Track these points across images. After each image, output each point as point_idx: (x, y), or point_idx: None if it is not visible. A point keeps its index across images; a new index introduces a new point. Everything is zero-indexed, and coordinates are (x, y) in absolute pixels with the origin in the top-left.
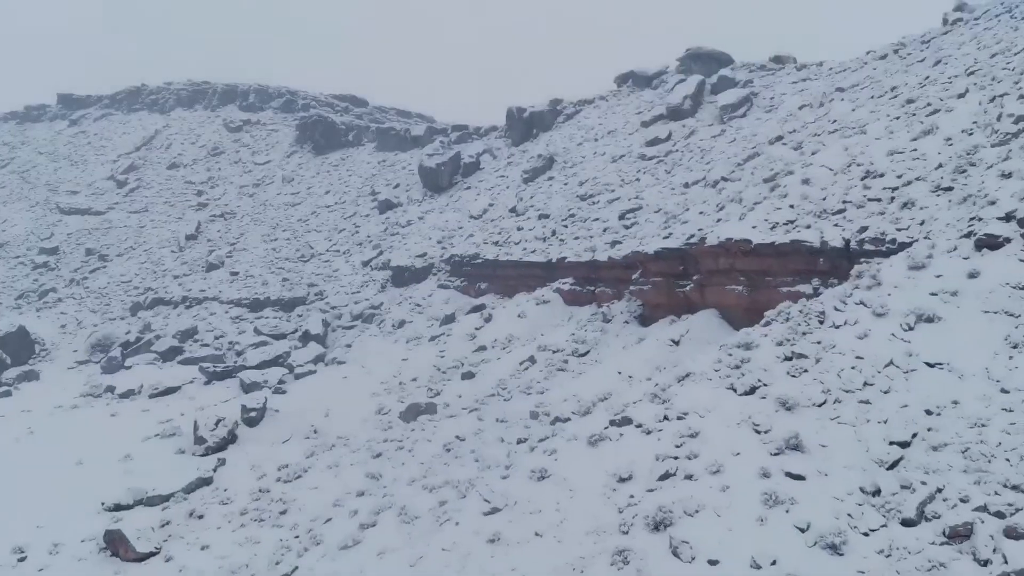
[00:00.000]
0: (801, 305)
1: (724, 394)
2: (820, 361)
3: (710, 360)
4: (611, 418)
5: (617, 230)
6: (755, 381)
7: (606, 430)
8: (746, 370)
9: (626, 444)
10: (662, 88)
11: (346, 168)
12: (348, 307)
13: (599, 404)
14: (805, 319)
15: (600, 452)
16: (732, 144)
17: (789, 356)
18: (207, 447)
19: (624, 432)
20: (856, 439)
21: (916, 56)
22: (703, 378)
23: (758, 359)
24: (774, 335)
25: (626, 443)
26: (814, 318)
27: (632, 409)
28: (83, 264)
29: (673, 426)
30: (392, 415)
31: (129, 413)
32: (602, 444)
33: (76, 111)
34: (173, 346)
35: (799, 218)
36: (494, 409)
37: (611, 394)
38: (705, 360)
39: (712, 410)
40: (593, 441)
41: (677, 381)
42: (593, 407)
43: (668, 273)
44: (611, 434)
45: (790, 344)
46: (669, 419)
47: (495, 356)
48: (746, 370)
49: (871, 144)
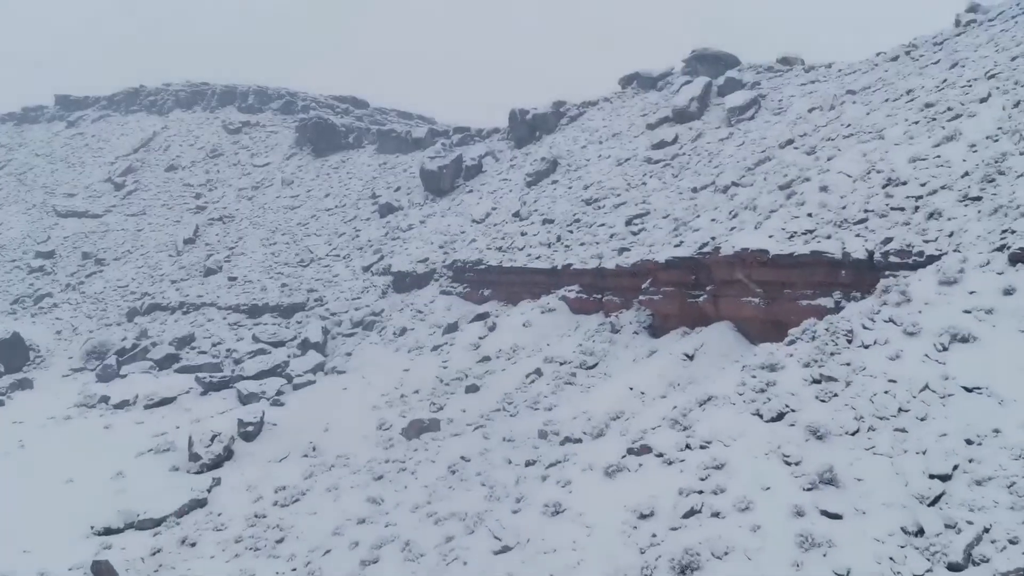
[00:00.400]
0: (827, 323)
1: (750, 420)
2: (851, 385)
3: (733, 382)
4: (629, 446)
5: (624, 236)
6: (782, 406)
7: (624, 459)
8: (772, 394)
9: (646, 476)
10: (667, 90)
11: (346, 171)
12: (348, 313)
13: (612, 424)
14: (832, 338)
15: (618, 484)
16: (741, 147)
17: (817, 379)
18: (202, 464)
19: (643, 462)
20: (894, 472)
21: (929, 58)
22: (726, 402)
23: (784, 382)
24: (800, 355)
25: (646, 474)
26: (842, 337)
27: (651, 436)
28: (79, 268)
29: (696, 456)
30: (394, 431)
31: (123, 425)
32: (620, 475)
33: (74, 112)
34: (170, 354)
35: (818, 227)
36: (500, 426)
37: (623, 412)
38: (727, 382)
39: (737, 438)
40: (610, 472)
41: (698, 405)
42: (606, 428)
43: (679, 283)
44: (629, 464)
45: (818, 366)
46: (692, 448)
47: (500, 367)
48: (772, 394)
49: (890, 150)
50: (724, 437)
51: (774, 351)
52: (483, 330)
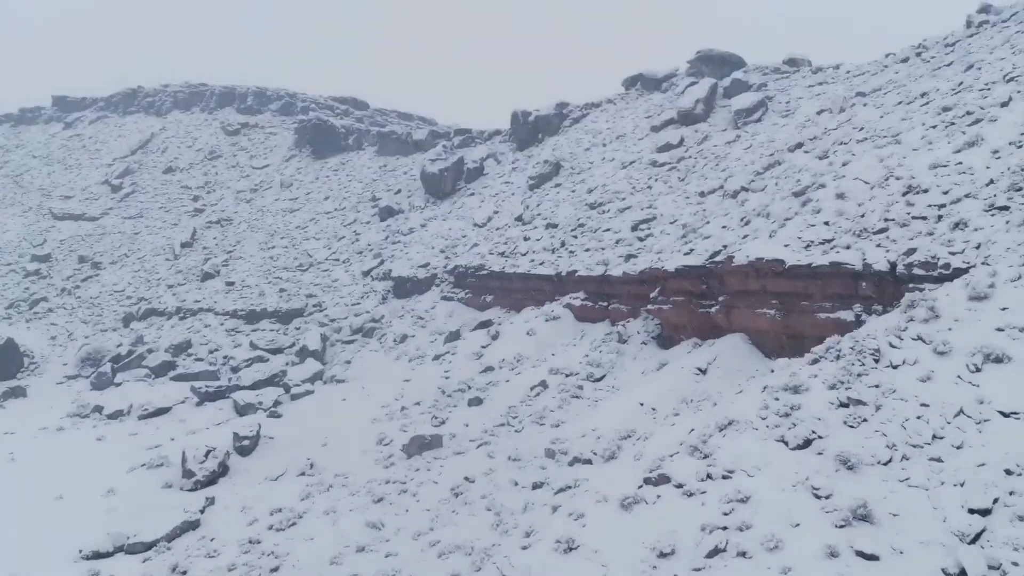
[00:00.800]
0: (852, 341)
1: (774, 448)
2: (880, 409)
3: (754, 405)
4: (646, 475)
5: (631, 242)
6: (808, 432)
7: (640, 490)
8: (797, 419)
9: (665, 509)
10: (672, 91)
11: (346, 173)
12: (348, 320)
13: (623, 445)
14: (858, 357)
15: (635, 518)
16: (748, 151)
17: (845, 402)
18: (196, 481)
19: (661, 493)
20: (931, 506)
21: (941, 59)
22: (748, 427)
23: (809, 405)
24: (825, 376)
25: (665, 507)
26: (868, 356)
27: (669, 464)
28: (75, 272)
29: (719, 487)
30: (394, 446)
31: (116, 437)
32: (637, 508)
33: (71, 113)
34: (165, 361)
35: (836, 237)
36: (505, 443)
37: (634, 431)
38: (748, 404)
39: (762, 468)
40: (626, 504)
41: (718, 430)
42: (618, 450)
43: (690, 292)
44: (647, 495)
45: (845, 388)
46: (713, 478)
47: (503, 378)
48: (797, 419)
49: (909, 156)
50: (748, 466)
51: (797, 371)
52: (486, 339)
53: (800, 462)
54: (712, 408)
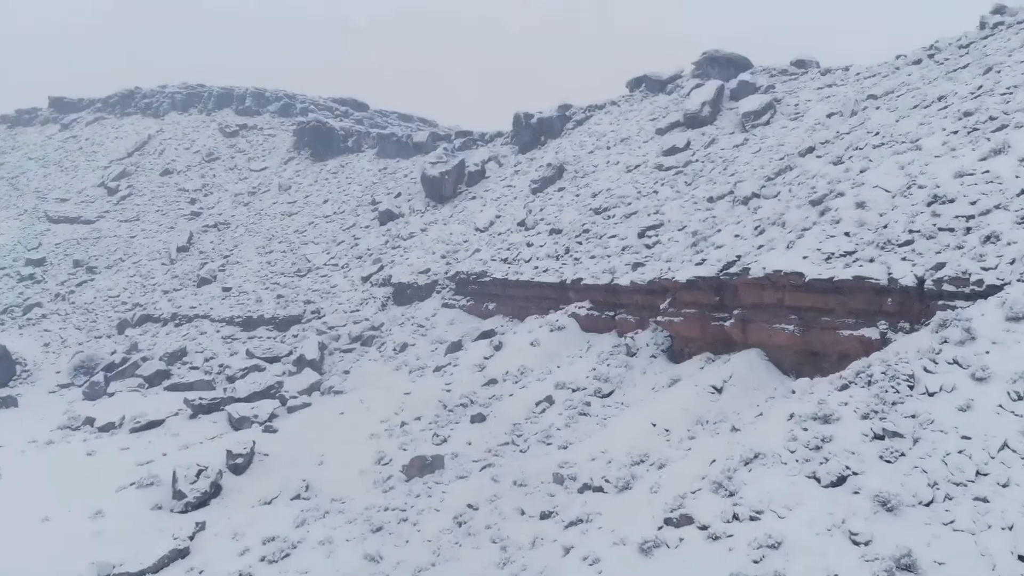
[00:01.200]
0: (884, 365)
1: (805, 485)
2: (919, 442)
3: (781, 435)
4: (667, 515)
5: (638, 249)
6: (842, 468)
7: (661, 531)
8: (829, 452)
9: (689, 554)
10: (677, 93)
11: (345, 176)
12: (346, 327)
13: (638, 473)
14: (892, 384)
15: (656, 565)
16: (757, 155)
17: (880, 434)
18: (186, 503)
19: (684, 536)
20: (978, 553)
21: (955, 62)
22: (776, 461)
23: (841, 437)
24: (857, 404)
25: (689, 552)
26: (903, 382)
27: (691, 502)
28: (70, 276)
29: (747, 530)
30: (394, 466)
31: (107, 451)
32: (658, 552)
33: (68, 115)
34: (160, 370)
35: (859, 249)
36: (510, 465)
37: (647, 455)
38: (774, 434)
39: (793, 508)
40: (646, 548)
41: (743, 463)
42: (632, 479)
43: (702, 304)
44: (668, 538)
45: (879, 417)
46: (740, 519)
47: (507, 392)
48: (829, 452)
49: (931, 163)
50: (777, 506)
51: (825, 398)
52: (488, 349)
53: (834, 502)
54: (731, 433)
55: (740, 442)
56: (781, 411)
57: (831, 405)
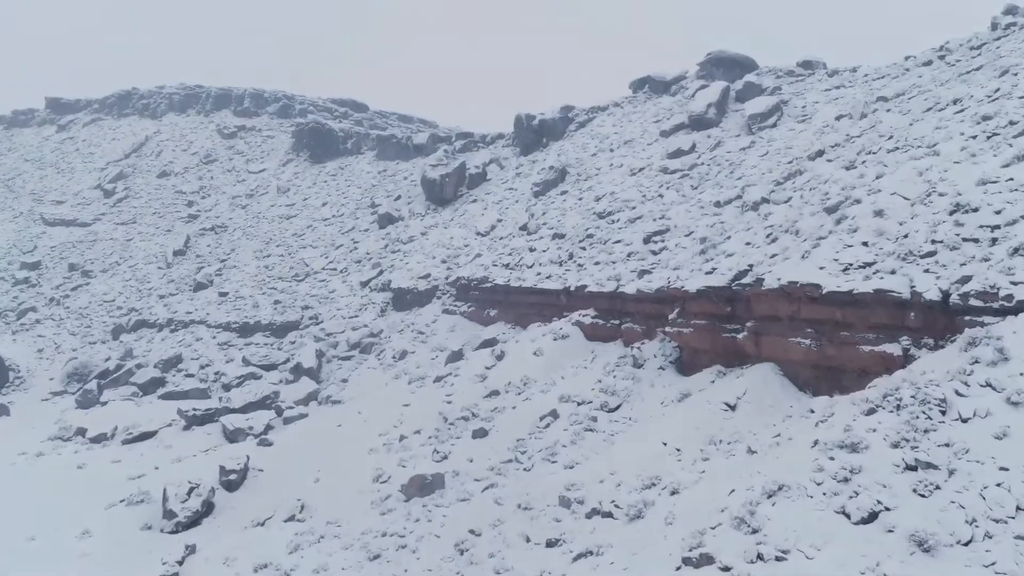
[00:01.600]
0: (913, 387)
1: (834, 521)
2: (954, 474)
3: (806, 464)
4: (685, 554)
5: (644, 256)
6: (873, 503)
7: (679, 572)
8: (858, 485)
9: None
10: (681, 94)
11: (344, 178)
12: (345, 334)
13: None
14: (923, 408)
15: None
16: (765, 158)
17: (912, 465)
18: (177, 523)
19: None
20: None
21: (968, 64)
22: (801, 493)
23: (871, 468)
24: (886, 430)
25: None
26: (934, 407)
27: (712, 540)
28: (65, 280)
29: (773, 572)
30: (392, 485)
31: (98, 464)
32: None
33: (65, 116)
34: (154, 377)
35: (878, 260)
36: (513, 484)
37: (659, 478)
38: (799, 463)
39: (822, 548)
40: None
41: (767, 496)
42: (645, 507)
43: (712, 314)
44: None
45: (911, 447)
46: (765, 559)
47: (510, 404)
48: (858, 485)
49: (950, 169)
50: (805, 545)
51: (851, 423)
52: (490, 359)
53: (867, 541)
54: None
55: (761, 470)
56: (804, 437)
57: (858, 432)
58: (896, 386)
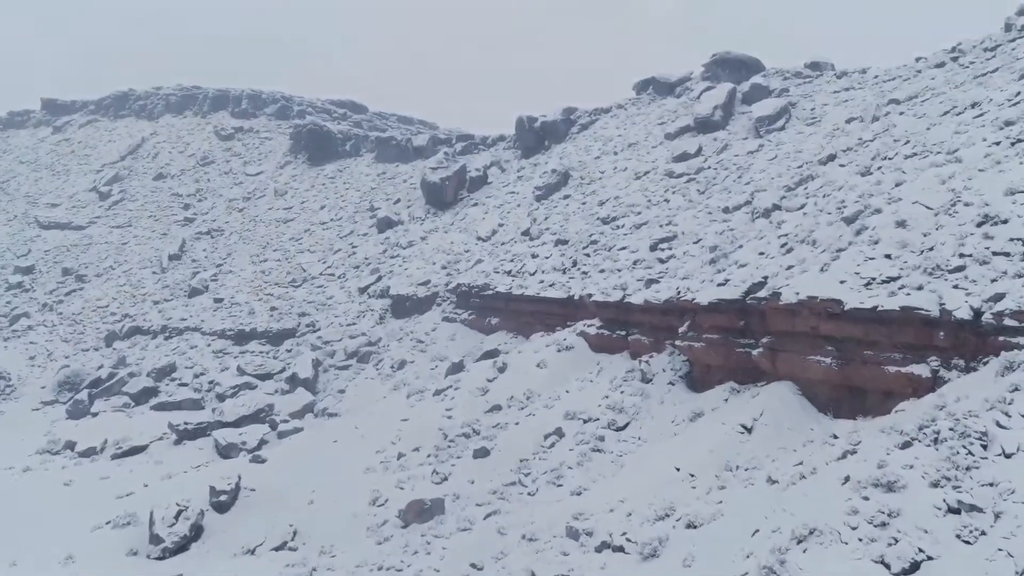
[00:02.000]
0: (951, 419)
1: (872, 572)
2: (1000, 517)
3: (838, 505)
4: None
5: (651, 264)
6: (915, 551)
7: None
8: (897, 530)
9: None
10: (686, 96)
11: (343, 181)
12: (342, 342)
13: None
14: (963, 442)
15: None
16: (774, 162)
17: (955, 508)
18: (164, 548)
19: None
20: None
21: (982, 66)
22: (835, 538)
23: (910, 510)
24: (925, 468)
25: None
26: (975, 441)
27: None
28: (59, 285)
29: None
30: (389, 509)
31: (86, 480)
32: None
33: (60, 117)
34: (147, 387)
35: (903, 274)
36: (518, 511)
37: (673, 508)
38: (830, 503)
39: None
40: None
41: (796, 541)
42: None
43: (725, 328)
44: None
45: (952, 486)
46: None
47: (512, 420)
48: (897, 530)
49: (975, 177)
50: None
51: (885, 458)
52: (492, 371)
53: None
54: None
55: (787, 508)
56: (832, 471)
57: (894, 468)
58: (932, 416)
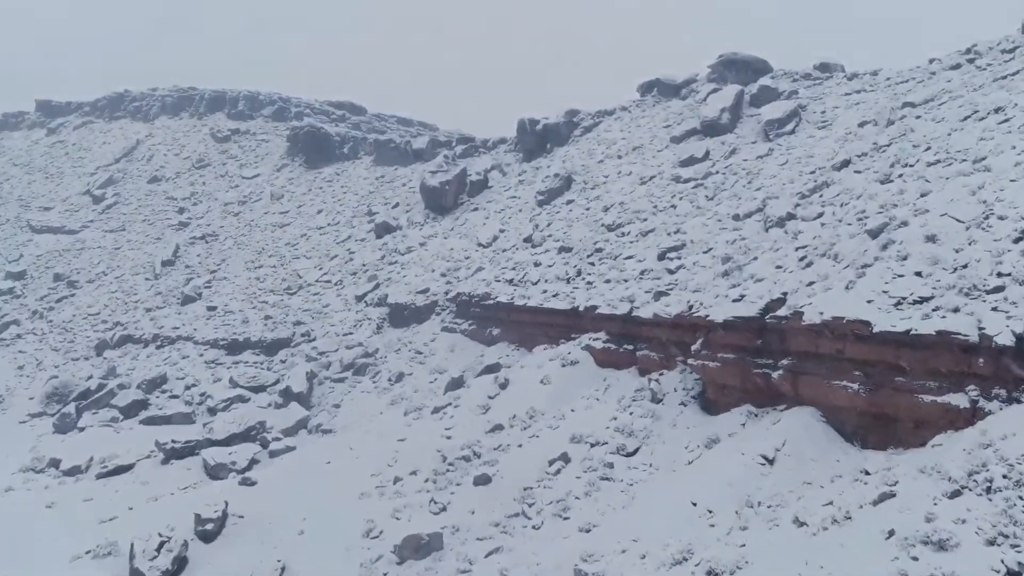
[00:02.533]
0: (1004, 465)
1: None
2: None
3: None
4: None
5: (659, 274)
6: None
7: None
8: None
9: None
10: (692, 98)
11: (340, 184)
12: (338, 353)
13: None
14: (1018, 491)
15: None
16: (785, 167)
17: (1015, 570)
18: None
19: None
20: None
21: (1001, 68)
22: None
23: (965, 573)
24: (979, 523)
25: None
26: None
27: None
28: (50, 291)
29: None
30: (384, 543)
31: (68, 502)
32: None
33: (55, 119)
34: (136, 400)
35: (936, 294)
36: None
37: (691, 551)
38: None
39: None
40: None
41: None
42: None
43: (741, 347)
44: None
45: (1010, 544)
46: None
47: (515, 442)
48: None
49: (1007, 187)
50: None
51: (934, 511)
52: (493, 387)
53: None
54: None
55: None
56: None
57: (945, 523)
58: (982, 460)
